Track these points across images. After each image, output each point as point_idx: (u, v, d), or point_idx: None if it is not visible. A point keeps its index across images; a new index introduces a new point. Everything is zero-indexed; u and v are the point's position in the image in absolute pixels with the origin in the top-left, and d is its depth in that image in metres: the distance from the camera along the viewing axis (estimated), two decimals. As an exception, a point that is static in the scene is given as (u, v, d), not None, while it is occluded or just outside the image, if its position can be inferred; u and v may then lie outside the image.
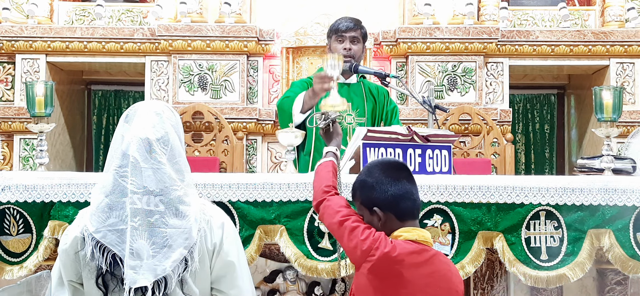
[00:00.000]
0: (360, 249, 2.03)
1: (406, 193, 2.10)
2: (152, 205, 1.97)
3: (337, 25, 3.68)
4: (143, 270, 1.95)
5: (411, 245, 2.04)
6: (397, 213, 2.09)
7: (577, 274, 2.64)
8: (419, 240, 2.06)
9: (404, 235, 2.06)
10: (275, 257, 2.77)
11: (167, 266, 1.96)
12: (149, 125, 2.02)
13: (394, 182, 2.10)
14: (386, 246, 2.01)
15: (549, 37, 5.24)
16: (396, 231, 2.08)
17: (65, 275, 2.08)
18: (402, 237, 2.06)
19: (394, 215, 2.09)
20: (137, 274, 1.95)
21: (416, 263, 2.03)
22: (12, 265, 2.65)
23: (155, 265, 1.96)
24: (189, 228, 2.00)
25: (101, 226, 1.98)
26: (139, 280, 1.94)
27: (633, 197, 2.64)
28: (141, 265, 1.95)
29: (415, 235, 2.06)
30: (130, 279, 1.95)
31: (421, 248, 2.05)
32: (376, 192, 2.11)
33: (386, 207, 2.09)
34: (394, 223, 2.09)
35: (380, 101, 3.76)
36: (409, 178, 2.14)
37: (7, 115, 5.20)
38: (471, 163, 4.62)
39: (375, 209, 2.10)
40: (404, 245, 2.03)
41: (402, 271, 2.01)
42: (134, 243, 1.95)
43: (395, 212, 2.09)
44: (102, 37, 5.21)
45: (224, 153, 4.89)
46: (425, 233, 2.10)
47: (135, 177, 1.97)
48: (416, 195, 2.14)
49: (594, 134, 3.35)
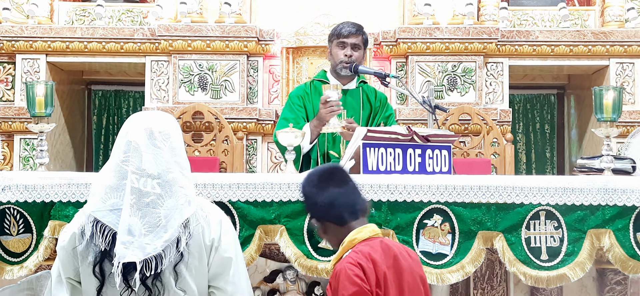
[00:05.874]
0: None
1: (334, 200, 2.17)
2: (149, 187, 2.00)
3: (339, 29, 3.68)
4: (133, 247, 1.97)
5: (367, 246, 2.13)
6: (334, 220, 2.18)
7: (577, 274, 2.64)
8: (372, 236, 2.16)
9: (357, 236, 2.15)
10: (275, 257, 2.78)
11: (158, 246, 1.98)
12: (152, 118, 2.10)
13: (320, 192, 2.19)
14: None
15: (548, 37, 5.24)
16: (347, 238, 2.16)
17: (64, 272, 2.11)
18: (357, 239, 2.14)
19: (332, 222, 2.18)
20: (127, 250, 1.96)
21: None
22: (12, 264, 2.65)
23: (146, 243, 1.97)
24: (181, 206, 2.02)
25: (102, 206, 2.01)
26: (128, 256, 1.96)
27: (633, 197, 2.64)
28: (132, 241, 1.97)
29: (366, 233, 2.15)
30: (119, 254, 1.96)
31: (377, 242, 2.15)
32: (308, 205, 2.23)
33: (321, 216, 2.20)
34: (338, 230, 2.18)
35: (376, 107, 3.76)
36: (337, 182, 2.19)
37: (7, 115, 5.20)
38: (471, 163, 4.62)
39: (313, 221, 2.25)
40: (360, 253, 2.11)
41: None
42: (128, 219, 1.97)
43: (332, 219, 2.18)
44: (102, 37, 5.21)
45: (224, 153, 4.89)
46: (373, 227, 2.19)
47: (135, 159, 2.01)
48: (350, 196, 2.19)
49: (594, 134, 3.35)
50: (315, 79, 3.81)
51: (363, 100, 3.74)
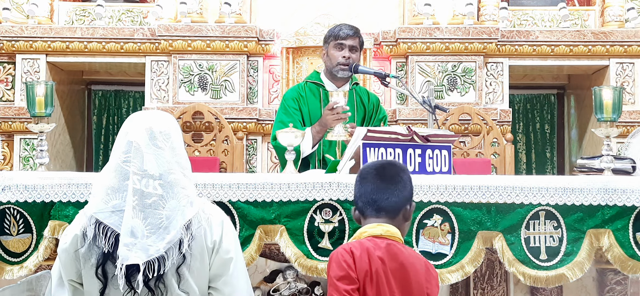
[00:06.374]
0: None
1: (365, 194, 2.26)
2: (151, 187, 1.99)
3: (336, 31, 3.67)
4: (136, 248, 1.96)
5: (371, 241, 2.19)
6: (359, 210, 2.29)
7: (576, 274, 2.64)
8: (383, 236, 2.19)
9: (368, 230, 2.22)
10: (275, 257, 2.78)
11: (161, 248, 1.97)
12: (152, 117, 2.09)
13: (359, 182, 2.30)
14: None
15: (548, 37, 5.24)
16: (360, 230, 2.25)
17: (65, 274, 2.09)
18: (366, 233, 2.21)
19: (358, 212, 2.30)
20: (130, 252, 1.96)
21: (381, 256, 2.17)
22: (12, 264, 2.65)
23: (149, 245, 1.97)
24: (183, 207, 2.02)
25: (104, 207, 2.01)
26: (131, 258, 1.95)
27: (633, 197, 2.64)
28: (135, 243, 1.96)
29: (378, 230, 2.20)
30: (122, 256, 1.96)
31: (385, 242, 2.18)
32: (354, 191, 2.34)
33: (355, 204, 2.32)
34: (361, 221, 2.29)
35: (370, 109, 3.76)
36: (376, 178, 2.27)
37: (7, 115, 5.20)
38: (471, 163, 4.62)
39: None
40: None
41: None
42: (131, 221, 1.97)
43: (359, 210, 2.30)
44: (102, 37, 5.21)
45: (224, 153, 4.89)
46: (389, 228, 2.21)
47: (137, 160, 2.00)
48: (377, 193, 2.25)
49: (594, 134, 3.35)
50: (309, 81, 3.80)
51: (357, 103, 3.74)
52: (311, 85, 3.76)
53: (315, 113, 3.64)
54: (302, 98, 3.71)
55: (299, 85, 3.86)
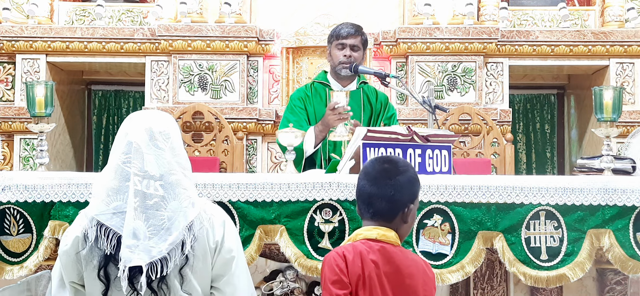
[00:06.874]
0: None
1: (363, 194, 2.23)
2: (152, 188, 1.98)
3: (338, 30, 3.68)
4: (139, 250, 1.95)
5: (365, 245, 2.16)
6: (359, 211, 2.26)
7: (577, 274, 2.64)
8: (378, 239, 2.16)
9: (363, 233, 2.19)
10: (275, 257, 2.77)
11: (164, 249, 1.96)
12: (151, 117, 2.08)
13: (358, 184, 2.26)
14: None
15: (548, 37, 5.24)
16: (355, 232, 2.22)
17: (67, 276, 2.08)
18: (361, 236, 2.19)
19: (359, 212, 2.27)
20: (132, 253, 1.95)
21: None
22: (12, 265, 2.65)
23: (151, 246, 1.96)
24: (185, 208, 2.01)
25: (105, 209, 2.00)
26: (134, 260, 1.94)
27: (633, 197, 2.64)
28: (138, 245, 1.95)
29: (373, 234, 2.17)
30: (125, 258, 1.95)
31: (379, 245, 2.15)
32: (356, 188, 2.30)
33: (356, 202, 2.28)
34: (362, 221, 2.25)
35: (377, 108, 3.76)
36: (373, 181, 2.21)
37: (7, 115, 5.21)
38: (471, 163, 4.62)
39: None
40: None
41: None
42: (133, 222, 1.96)
43: (358, 210, 2.27)
44: (102, 37, 5.21)
45: (224, 153, 4.89)
46: (384, 232, 2.18)
47: (137, 161, 2.00)
48: (372, 198, 2.20)
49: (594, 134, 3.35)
50: (316, 81, 3.81)
51: (364, 102, 3.73)
52: (318, 85, 3.77)
53: (320, 113, 3.64)
54: (308, 98, 3.72)
55: (306, 86, 3.88)
